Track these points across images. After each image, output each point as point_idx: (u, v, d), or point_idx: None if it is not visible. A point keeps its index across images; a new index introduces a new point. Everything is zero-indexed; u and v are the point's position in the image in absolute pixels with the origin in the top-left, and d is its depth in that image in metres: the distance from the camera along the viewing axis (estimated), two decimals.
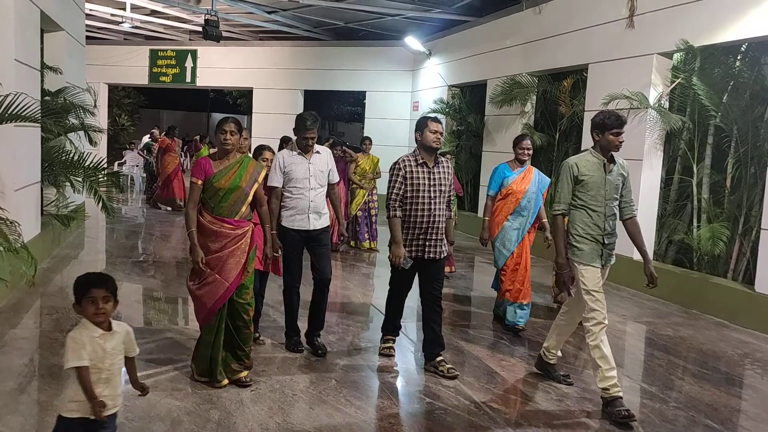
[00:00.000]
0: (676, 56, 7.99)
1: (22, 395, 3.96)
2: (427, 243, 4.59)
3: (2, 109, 5.25)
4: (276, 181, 4.85)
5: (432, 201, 4.56)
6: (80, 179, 7.42)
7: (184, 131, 32.55)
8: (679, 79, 7.78)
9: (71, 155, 7.63)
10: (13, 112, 5.29)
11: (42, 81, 7.69)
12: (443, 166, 4.70)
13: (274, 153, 5.11)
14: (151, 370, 4.39)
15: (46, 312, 5.81)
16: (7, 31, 6.17)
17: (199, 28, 15.27)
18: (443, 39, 14.05)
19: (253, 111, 17.40)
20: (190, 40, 17.86)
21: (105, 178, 7.43)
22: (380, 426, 3.83)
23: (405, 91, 15.82)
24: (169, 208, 13.45)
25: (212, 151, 8.14)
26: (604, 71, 8.72)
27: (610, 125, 4.14)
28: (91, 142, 8.95)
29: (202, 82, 17.89)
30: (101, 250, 9.48)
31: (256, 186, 4.21)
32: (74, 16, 9.69)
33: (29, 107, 5.46)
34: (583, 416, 4.13)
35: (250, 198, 4.18)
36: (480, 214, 12.03)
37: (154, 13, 15.29)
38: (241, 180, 4.13)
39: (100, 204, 7.25)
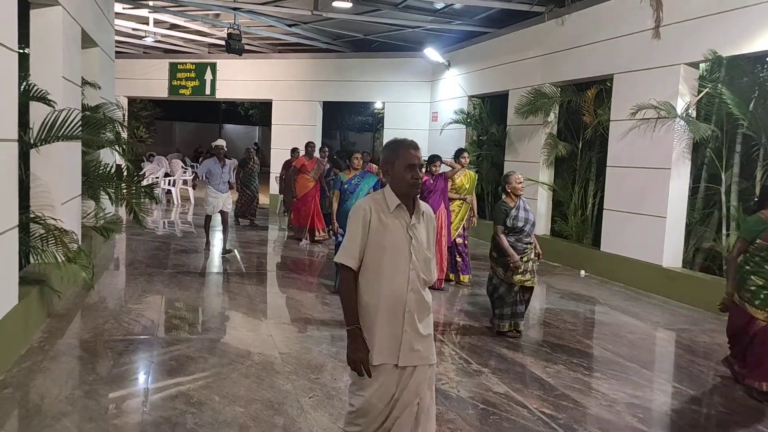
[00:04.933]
0: (703, 66, 8.10)
1: (87, 400, 4.08)
2: None
3: (57, 125, 5.42)
4: None
5: None
6: (114, 191, 7.59)
7: (196, 142, 32.90)
8: (707, 89, 7.88)
9: (109, 168, 7.82)
10: (68, 132, 5.45)
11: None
12: None
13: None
14: (208, 371, 4.52)
15: (91, 322, 5.91)
16: (56, 50, 6.38)
17: (219, 42, 15.53)
18: (463, 50, 14.20)
19: (273, 123, 17.59)
20: (209, 53, 18.11)
21: (141, 190, 7.64)
22: (439, 430, 3.93)
23: (424, 102, 15.97)
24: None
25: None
26: (630, 81, 8.82)
27: None
28: (124, 154, 9.12)
29: (221, 94, 18.10)
30: (135, 260, 9.61)
31: None
32: (107, 32, 9.92)
33: (77, 124, 5.62)
34: (635, 421, 4.22)
35: None
36: None
37: (174, 27, 15.55)
38: None
39: (132, 215, 7.43)
